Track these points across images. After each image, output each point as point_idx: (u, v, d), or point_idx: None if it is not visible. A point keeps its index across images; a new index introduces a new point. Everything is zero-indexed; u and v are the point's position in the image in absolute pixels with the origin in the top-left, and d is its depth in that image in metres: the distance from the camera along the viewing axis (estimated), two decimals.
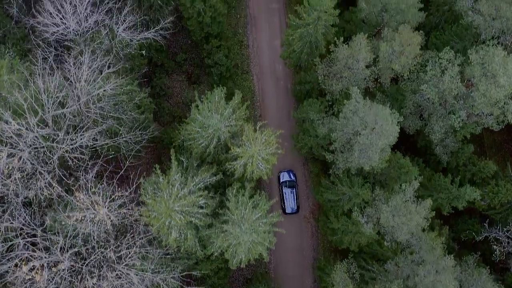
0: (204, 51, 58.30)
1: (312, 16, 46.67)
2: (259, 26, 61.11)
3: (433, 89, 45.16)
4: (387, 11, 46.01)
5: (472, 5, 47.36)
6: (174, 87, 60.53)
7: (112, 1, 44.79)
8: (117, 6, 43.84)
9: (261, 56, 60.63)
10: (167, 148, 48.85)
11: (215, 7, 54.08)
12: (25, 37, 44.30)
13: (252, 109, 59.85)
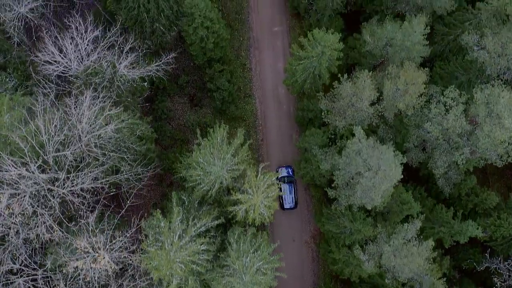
0: (207, 76, 57.92)
1: (316, 50, 46.23)
2: (262, 49, 60.61)
3: (437, 127, 44.83)
4: (392, 46, 45.50)
5: (478, 41, 46.81)
6: (176, 110, 60.22)
7: (114, 35, 44.29)
8: (119, 40, 43.33)
9: (264, 79, 60.20)
10: (169, 185, 48.62)
11: (218, 33, 53.63)
12: (25, 70, 43.93)
13: (254, 132, 59.54)
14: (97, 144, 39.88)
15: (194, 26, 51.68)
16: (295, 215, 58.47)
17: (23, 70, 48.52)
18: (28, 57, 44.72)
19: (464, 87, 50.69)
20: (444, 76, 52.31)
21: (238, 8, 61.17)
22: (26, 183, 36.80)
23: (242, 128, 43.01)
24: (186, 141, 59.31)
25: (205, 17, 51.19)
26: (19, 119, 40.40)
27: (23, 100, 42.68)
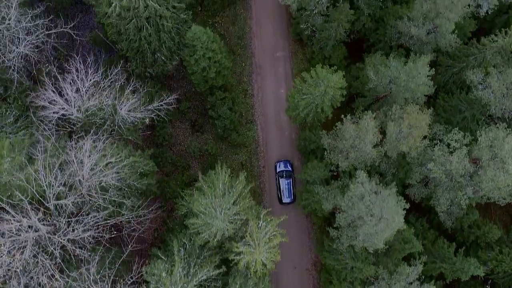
0: (208, 103, 57.54)
1: (319, 89, 45.80)
2: (264, 74, 60.12)
3: (440, 168, 44.52)
4: (396, 85, 45.05)
5: (483, 79, 46.36)
6: (177, 135, 59.88)
7: (115, 75, 43.89)
8: (120, 81, 42.93)
9: (266, 105, 59.79)
10: (170, 211, 48.39)
11: (220, 62, 53.14)
12: (25, 100, 43.59)
13: (255, 159, 59.25)
14: (98, 190, 39.61)
15: (195, 58, 51.23)
16: (296, 242, 58.30)
17: (23, 100, 48.18)
18: (27, 95, 44.29)
19: (468, 121, 50.33)
20: (448, 109, 51.90)
21: (240, 33, 60.57)
22: (26, 234, 36.60)
23: (243, 171, 42.50)
24: (187, 167, 59.03)
25: (207, 48, 50.71)
26: (19, 164, 40.13)
27: (24, 142, 42.38)
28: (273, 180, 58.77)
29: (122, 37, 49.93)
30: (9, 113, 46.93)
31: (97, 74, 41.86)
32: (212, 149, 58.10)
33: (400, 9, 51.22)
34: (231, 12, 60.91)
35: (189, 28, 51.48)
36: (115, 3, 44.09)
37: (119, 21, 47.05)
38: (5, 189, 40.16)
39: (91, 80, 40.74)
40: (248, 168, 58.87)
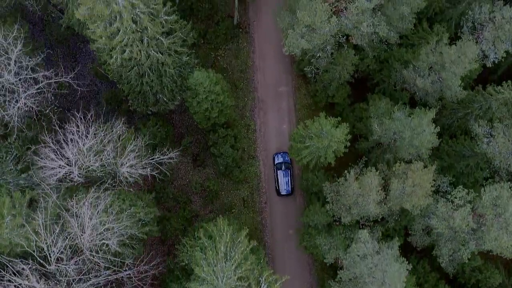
0: (210, 140, 57.17)
1: (323, 142, 45.36)
2: (267, 109, 59.62)
3: (443, 223, 44.31)
4: (401, 138, 44.61)
5: (489, 131, 45.88)
6: (179, 169, 59.56)
7: (116, 126, 43.55)
8: (121, 142, 42.51)
9: (269, 141, 59.39)
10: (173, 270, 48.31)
11: (222, 102, 52.64)
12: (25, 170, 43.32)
13: (257, 195, 59.02)
14: (99, 250, 39.50)
15: (198, 100, 50.79)
16: (297, 278, 58.25)
17: (24, 139, 47.84)
18: (28, 148, 43.98)
19: (472, 169, 49.95)
20: (451, 154, 51.46)
21: (243, 67, 59.95)
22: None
23: (245, 229, 42.30)
24: (188, 202, 58.85)
25: (210, 91, 50.22)
26: (20, 224, 40.01)
27: (24, 197, 42.17)
28: (274, 215, 58.64)
29: (123, 81, 49.43)
30: (9, 158, 46.57)
31: (99, 129, 41.41)
32: (213, 185, 57.84)
33: (405, 53, 50.50)
34: (233, 45, 60.21)
35: (191, 71, 51.04)
36: (116, 55, 43.49)
37: (120, 68, 46.50)
38: (5, 246, 40.13)
39: (92, 139, 40.24)
40: (249, 203, 58.69)
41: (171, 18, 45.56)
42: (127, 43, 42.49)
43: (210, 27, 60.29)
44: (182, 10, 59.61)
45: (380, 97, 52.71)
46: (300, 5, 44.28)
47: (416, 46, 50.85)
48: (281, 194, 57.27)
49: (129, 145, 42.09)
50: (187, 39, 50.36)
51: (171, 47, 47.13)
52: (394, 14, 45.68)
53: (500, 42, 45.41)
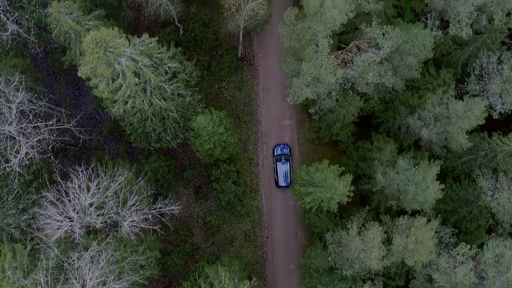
0: (213, 176, 56.89)
1: (326, 193, 45.13)
2: (270, 143, 59.22)
3: (445, 277, 44.22)
4: (405, 193, 44.34)
5: (494, 184, 45.55)
6: (180, 200, 59.36)
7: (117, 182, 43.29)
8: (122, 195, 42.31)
9: (271, 175, 59.05)
10: None
11: (226, 141, 52.31)
12: None
13: (259, 229, 58.94)
14: None
15: (201, 141, 50.47)
16: None
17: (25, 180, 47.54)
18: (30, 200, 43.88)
19: (475, 216, 49.73)
20: (455, 198, 51.14)
21: (247, 99, 59.44)
22: None
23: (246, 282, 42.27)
24: (190, 234, 58.78)
25: (213, 132, 49.86)
26: (21, 276, 40.05)
27: (24, 250, 42.15)
28: (276, 249, 58.63)
29: (125, 123, 49.08)
30: (10, 197, 46.31)
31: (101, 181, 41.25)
32: (215, 220, 57.75)
33: (411, 97, 49.96)
34: (237, 77, 59.64)
35: (194, 110, 50.72)
36: (118, 106, 43.05)
37: (123, 114, 46.11)
38: None
39: (94, 194, 40.07)
40: (251, 237, 58.63)
41: (175, 65, 45.07)
42: (130, 94, 42.03)
43: (214, 58, 59.68)
44: (186, 41, 59.13)
45: (384, 138, 52.32)
46: (306, 55, 43.66)
47: (422, 90, 50.27)
48: (280, 186, 57.44)
49: (131, 196, 41.78)
50: (191, 79, 49.89)
51: (175, 91, 46.68)
52: (401, 64, 45.10)
53: (508, 95, 44.86)
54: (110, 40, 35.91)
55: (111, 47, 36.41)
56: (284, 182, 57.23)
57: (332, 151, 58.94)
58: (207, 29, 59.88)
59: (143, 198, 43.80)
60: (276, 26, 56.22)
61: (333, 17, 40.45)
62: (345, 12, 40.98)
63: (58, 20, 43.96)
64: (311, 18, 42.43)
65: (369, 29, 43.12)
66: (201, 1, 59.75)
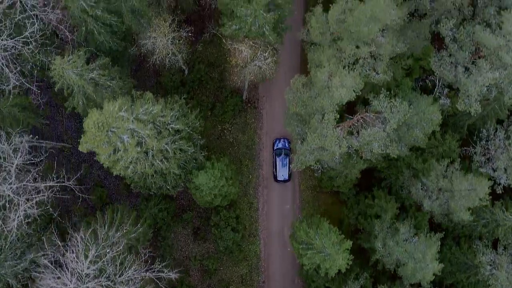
0: (212, 221, 56.83)
1: (324, 262, 45.03)
2: (271, 188, 58.99)
3: None
4: (404, 267, 44.26)
5: (493, 259, 45.43)
6: (179, 240, 59.41)
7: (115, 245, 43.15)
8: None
9: (270, 220, 59.00)
10: None
11: (227, 191, 52.10)
12: None
13: (256, 273, 59.01)
14: None
15: (201, 194, 50.26)
16: None
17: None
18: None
19: (472, 285, 49.71)
20: (454, 261, 51.07)
21: (249, 142, 58.97)
22: None
23: None
24: (187, 276, 58.88)
25: (214, 186, 49.64)
26: None
27: None
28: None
29: (126, 177, 48.76)
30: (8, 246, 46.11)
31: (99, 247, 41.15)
32: (212, 264, 57.78)
33: (414, 160, 49.51)
34: (241, 119, 59.10)
35: (196, 162, 50.36)
36: (119, 170, 42.63)
37: (124, 173, 45.72)
38: None
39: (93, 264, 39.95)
40: (247, 282, 58.75)
41: (178, 126, 44.60)
42: (131, 161, 41.61)
43: (219, 99, 59.05)
44: (191, 80, 58.50)
45: (386, 196, 52.04)
46: (311, 124, 43.09)
47: (426, 154, 49.79)
48: (278, 180, 57.35)
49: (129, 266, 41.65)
50: (193, 132, 49.43)
51: (177, 149, 46.26)
52: (407, 134, 44.54)
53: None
54: (112, 121, 35.33)
55: (113, 128, 35.86)
56: (283, 176, 57.04)
57: (333, 199, 58.72)
58: (212, 69, 59.15)
59: (141, 262, 43.58)
60: (282, 71, 55.79)
61: (340, 96, 39.76)
62: (353, 89, 40.26)
63: (61, 76, 43.36)
64: (318, 92, 41.75)
65: (377, 102, 42.47)
66: (208, 40, 58.87)
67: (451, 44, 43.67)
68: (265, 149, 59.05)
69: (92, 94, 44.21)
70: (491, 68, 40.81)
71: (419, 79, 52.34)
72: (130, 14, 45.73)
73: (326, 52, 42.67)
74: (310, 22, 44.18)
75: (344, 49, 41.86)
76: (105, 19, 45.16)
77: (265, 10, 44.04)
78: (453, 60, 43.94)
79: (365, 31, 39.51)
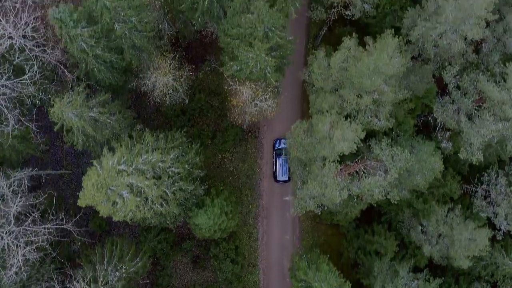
0: (211, 252, 56.79)
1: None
2: (271, 218, 58.85)
3: None
4: None
5: None
6: (178, 268, 59.44)
7: None
8: None
9: (270, 250, 58.94)
10: None
11: (226, 225, 52.00)
12: None
13: None
14: None
15: (200, 231, 50.25)
16: None
17: None
18: None
19: None
20: None
21: (249, 172, 58.73)
22: None
23: None
24: None
25: (214, 223, 49.56)
26: None
27: None
28: None
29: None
30: None
31: None
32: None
33: (415, 199, 49.35)
34: (242, 148, 58.80)
35: (196, 198, 50.19)
36: (118, 217, 42.46)
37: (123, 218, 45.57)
38: None
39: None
40: None
41: (178, 170, 44.34)
42: (131, 209, 41.40)
43: (219, 128, 58.68)
44: (192, 109, 58.05)
45: (386, 233, 51.95)
46: (312, 171, 42.84)
47: (427, 194, 49.57)
48: (278, 180, 57.34)
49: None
50: (193, 169, 49.20)
51: (177, 189, 46.07)
52: (408, 180, 44.31)
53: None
54: (111, 181, 35.06)
55: (112, 186, 35.60)
56: (283, 176, 56.96)
57: (333, 230, 58.67)
58: (213, 97, 58.67)
59: None
60: (283, 102, 55.37)
61: (342, 148, 39.45)
62: (354, 141, 39.93)
63: (60, 117, 43.07)
64: (319, 139, 41.42)
65: (378, 150, 42.18)
66: (209, 69, 58.34)
67: (454, 91, 43.28)
68: (265, 179, 58.82)
69: (92, 132, 43.95)
70: (494, 120, 40.39)
71: (421, 115, 51.92)
72: (130, 50, 45.24)
73: (328, 99, 42.31)
74: (312, 66, 43.74)
75: (346, 97, 41.48)
76: (105, 58, 44.72)
77: (267, 52, 43.52)
78: (456, 108, 43.51)
79: (368, 84, 39.12)
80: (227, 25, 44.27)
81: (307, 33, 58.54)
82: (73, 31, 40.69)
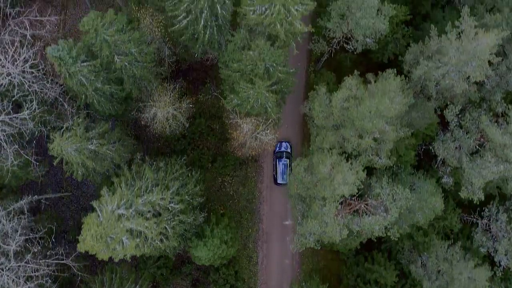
0: (211, 278, 56.88)
1: None
2: (271, 242, 58.85)
3: None
4: None
5: None
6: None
7: None
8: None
9: (270, 274, 59.00)
10: None
11: (226, 253, 52.06)
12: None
13: None
14: None
15: (200, 261, 50.30)
16: None
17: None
18: None
19: None
20: None
21: (249, 196, 58.65)
22: None
23: None
24: None
25: (214, 254, 49.61)
26: None
27: None
28: None
29: None
30: None
31: None
32: None
33: (415, 231, 49.30)
34: (242, 172, 58.64)
35: (196, 229, 50.19)
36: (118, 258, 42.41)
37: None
38: None
39: None
40: None
41: (179, 206, 44.26)
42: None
43: (220, 151, 58.46)
44: (192, 133, 57.79)
45: (386, 262, 51.96)
46: (312, 209, 42.72)
47: (427, 227, 49.45)
48: (278, 183, 57.33)
49: None
50: (193, 200, 49.14)
51: (177, 223, 46.02)
52: (408, 217, 44.22)
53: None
54: (110, 230, 34.93)
55: (112, 235, 35.50)
56: (283, 180, 56.82)
57: (333, 255, 58.65)
58: (214, 121, 58.38)
59: None
60: (283, 125, 55.18)
61: (342, 191, 39.31)
62: (355, 184, 39.77)
63: (60, 153, 42.95)
64: (320, 179, 41.25)
65: (379, 189, 42.04)
66: (209, 92, 58.05)
67: (456, 129, 43.02)
68: (265, 203, 58.74)
69: (92, 165, 43.81)
70: (495, 161, 40.20)
71: (422, 145, 51.67)
72: (131, 79, 44.92)
73: (328, 138, 42.10)
74: (313, 103, 43.46)
75: (347, 136, 41.24)
76: (105, 90, 44.46)
77: (268, 89, 43.22)
78: (457, 145, 43.28)
79: (369, 126, 38.87)
80: (227, 57, 43.91)
81: (308, 56, 58.08)
82: (72, 67, 40.36)
